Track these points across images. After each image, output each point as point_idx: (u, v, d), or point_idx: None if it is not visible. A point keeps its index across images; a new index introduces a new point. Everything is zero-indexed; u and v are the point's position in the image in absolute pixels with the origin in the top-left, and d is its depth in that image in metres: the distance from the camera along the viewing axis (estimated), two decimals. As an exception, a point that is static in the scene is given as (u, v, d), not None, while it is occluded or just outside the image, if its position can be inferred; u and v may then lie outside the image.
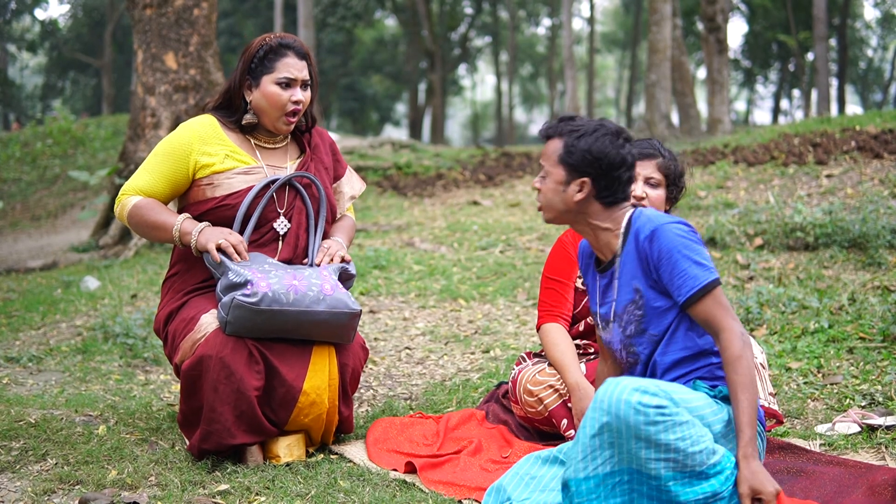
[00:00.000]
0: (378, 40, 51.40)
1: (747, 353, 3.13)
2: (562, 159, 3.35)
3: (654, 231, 3.25)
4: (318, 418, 4.12)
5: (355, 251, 9.54)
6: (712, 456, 2.97)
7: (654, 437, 2.91)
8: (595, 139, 3.33)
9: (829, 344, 5.52)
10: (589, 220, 3.41)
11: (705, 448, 2.96)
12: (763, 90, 53.19)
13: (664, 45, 19.14)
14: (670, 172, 4.18)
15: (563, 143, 3.36)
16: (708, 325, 3.23)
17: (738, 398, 3.10)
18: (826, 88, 29.21)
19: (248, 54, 4.25)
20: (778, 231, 7.77)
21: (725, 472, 2.98)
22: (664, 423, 2.91)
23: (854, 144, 10.23)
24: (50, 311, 7.64)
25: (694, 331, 3.32)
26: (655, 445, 2.92)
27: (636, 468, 2.98)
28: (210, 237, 4.04)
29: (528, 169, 15.89)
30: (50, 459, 4.00)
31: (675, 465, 2.93)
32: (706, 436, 2.98)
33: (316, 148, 4.51)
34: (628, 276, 3.36)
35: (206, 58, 11.99)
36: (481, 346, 6.28)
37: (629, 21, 53.00)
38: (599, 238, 3.44)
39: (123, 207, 4.23)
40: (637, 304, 3.34)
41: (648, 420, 2.90)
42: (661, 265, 3.25)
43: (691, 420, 2.97)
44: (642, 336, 3.36)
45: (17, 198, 19.67)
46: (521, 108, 69.55)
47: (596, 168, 3.33)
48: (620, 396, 2.94)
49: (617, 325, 3.44)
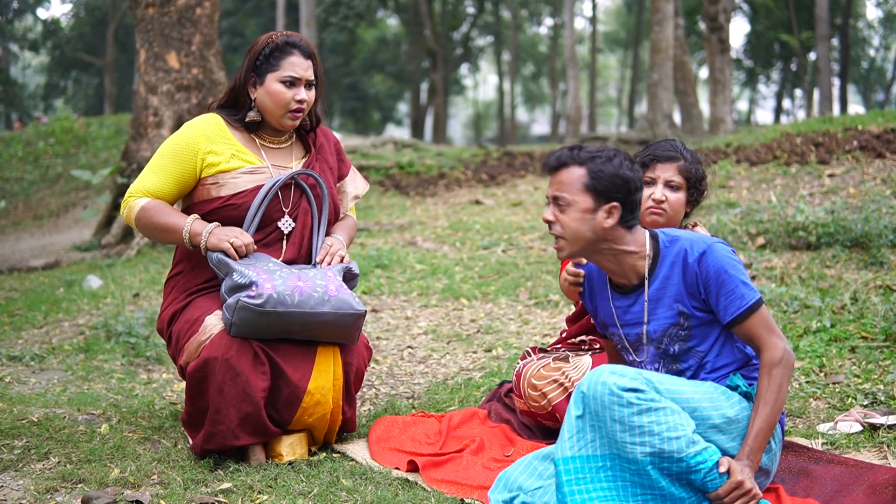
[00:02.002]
0: (380, 40, 51.41)
1: (782, 372, 3.20)
2: (588, 187, 3.31)
3: (705, 252, 3.28)
4: (322, 418, 4.11)
5: (357, 250, 9.54)
6: (692, 446, 3.01)
7: (628, 419, 2.99)
8: (619, 163, 3.33)
9: (832, 343, 5.52)
10: (614, 246, 3.39)
11: (684, 436, 3.00)
12: (765, 90, 53.22)
13: (666, 44, 19.14)
14: (691, 176, 4.08)
15: (586, 170, 3.32)
16: (751, 341, 3.29)
17: (757, 408, 3.19)
18: (828, 88, 29.20)
19: (254, 51, 4.24)
20: (780, 230, 7.77)
21: (708, 465, 3.02)
22: (638, 405, 2.99)
23: (856, 144, 10.24)
24: (52, 310, 7.64)
25: (739, 341, 3.39)
26: (630, 428, 2.99)
27: (617, 453, 3.04)
28: (222, 237, 4.03)
29: (530, 168, 15.90)
30: (52, 458, 3.99)
31: (651, 448, 2.99)
32: (686, 425, 3.03)
33: (321, 148, 4.49)
34: (670, 299, 3.37)
35: (209, 57, 12.00)
36: (483, 345, 6.28)
37: (631, 20, 53.00)
38: (624, 263, 3.42)
39: (131, 210, 4.19)
40: (682, 326, 3.37)
41: (622, 402, 2.99)
42: (710, 284, 3.28)
43: (669, 407, 3.03)
44: (688, 353, 3.40)
45: (20, 197, 19.69)
46: (524, 107, 69.58)
47: (624, 192, 3.32)
48: (598, 379, 3.04)
49: (653, 347, 3.46)
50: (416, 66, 46.52)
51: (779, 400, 3.17)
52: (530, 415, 4.39)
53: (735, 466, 3.06)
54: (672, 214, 4.06)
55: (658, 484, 3.02)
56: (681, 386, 3.17)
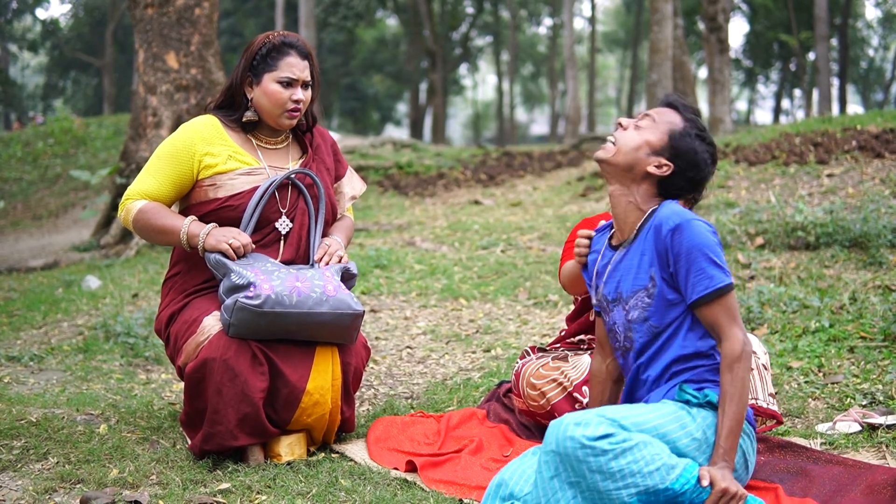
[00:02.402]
0: (379, 40, 51.42)
1: (743, 365, 3.15)
2: (672, 136, 3.38)
3: (680, 225, 3.24)
4: (320, 418, 4.11)
5: (356, 250, 9.54)
6: (672, 471, 2.98)
7: (606, 466, 2.92)
8: (703, 150, 3.38)
9: (830, 343, 5.52)
10: (636, 192, 3.41)
11: (662, 465, 2.96)
12: (764, 90, 53.25)
13: (665, 44, 19.11)
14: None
15: (682, 127, 3.39)
16: (713, 329, 3.23)
17: (723, 408, 3.14)
18: (827, 88, 29.21)
19: (251, 51, 4.24)
20: (779, 230, 7.77)
21: (692, 483, 2.99)
22: (612, 450, 2.93)
23: (855, 144, 10.23)
24: (51, 311, 7.65)
25: (694, 331, 3.31)
26: (611, 475, 2.92)
27: (601, 502, 2.98)
28: (220, 238, 4.03)
29: (528, 168, 15.90)
30: (51, 458, 4.00)
31: (636, 489, 2.94)
32: (661, 452, 2.99)
33: (318, 148, 4.49)
34: (646, 264, 3.35)
35: (208, 57, 12.00)
36: (482, 346, 6.28)
37: (630, 20, 52.99)
38: (629, 214, 3.43)
39: (128, 212, 4.18)
40: (648, 293, 3.33)
41: (596, 451, 2.92)
42: (679, 260, 3.24)
43: (641, 441, 2.98)
44: (643, 324, 3.36)
45: (19, 197, 19.69)
46: (523, 107, 69.61)
47: (686, 165, 3.37)
48: (565, 434, 2.96)
49: (621, 308, 3.44)
50: (415, 67, 46.52)
51: (744, 395, 3.12)
52: (529, 414, 4.39)
53: (715, 475, 3.01)
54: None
55: None
56: (644, 414, 3.11)
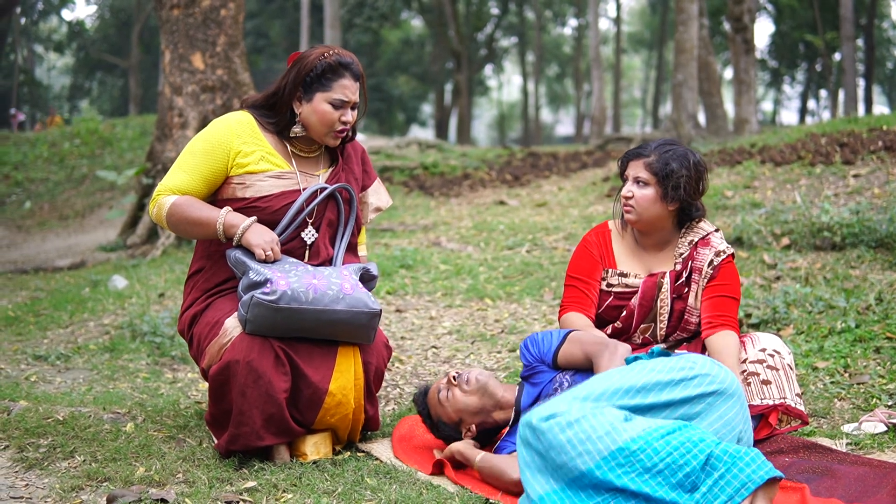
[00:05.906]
0: (404, 41, 51.45)
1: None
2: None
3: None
4: (344, 418, 4.12)
5: (381, 251, 9.56)
6: (623, 433, 3.07)
7: (556, 440, 3.09)
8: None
9: (856, 343, 5.50)
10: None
11: (611, 428, 3.08)
12: (790, 90, 52.96)
13: (691, 45, 19.06)
14: (659, 171, 4.21)
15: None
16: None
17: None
18: (853, 88, 29.06)
19: (305, 67, 4.15)
20: (805, 231, 7.74)
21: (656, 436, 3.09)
22: (559, 424, 3.10)
23: (881, 144, 10.18)
24: (78, 310, 7.68)
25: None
26: (561, 447, 3.08)
27: (570, 477, 3.08)
28: (259, 239, 4.02)
29: (554, 169, 15.89)
30: (78, 456, 4.01)
31: (592, 457, 3.04)
32: (606, 417, 3.12)
33: (348, 158, 4.47)
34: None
35: (233, 58, 12.04)
36: (508, 345, 6.28)
37: (655, 21, 52.88)
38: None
39: (161, 208, 4.13)
40: None
41: (547, 428, 3.11)
42: None
43: (586, 414, 3.11)
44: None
45: (45, 197, 19.78)
46: (548, 108, 69.52)
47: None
48: (522, 423, 3.21)
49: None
50: (441, 67, 46.53)
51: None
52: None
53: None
54: (641, 210, 4.27)
55: (612, 485, 3.03)
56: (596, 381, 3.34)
